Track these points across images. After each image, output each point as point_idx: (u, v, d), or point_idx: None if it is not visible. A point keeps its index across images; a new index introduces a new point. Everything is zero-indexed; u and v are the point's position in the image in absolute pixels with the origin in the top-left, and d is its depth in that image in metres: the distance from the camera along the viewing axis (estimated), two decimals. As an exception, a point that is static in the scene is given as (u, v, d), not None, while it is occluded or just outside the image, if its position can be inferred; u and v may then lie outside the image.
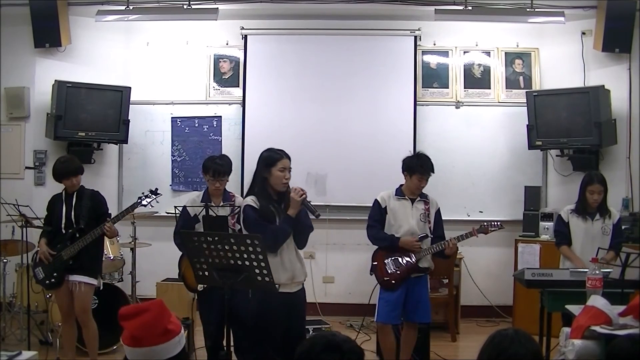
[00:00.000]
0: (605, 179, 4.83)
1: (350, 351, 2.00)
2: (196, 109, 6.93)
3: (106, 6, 6.55)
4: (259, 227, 3.68)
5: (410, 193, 4.66)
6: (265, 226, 3.72)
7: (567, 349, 3.25)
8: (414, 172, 4.57)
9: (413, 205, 4.64)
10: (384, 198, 4.66)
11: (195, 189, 6.58)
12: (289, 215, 3.77)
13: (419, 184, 4.60)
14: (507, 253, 6.51)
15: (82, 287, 4.58)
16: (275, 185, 3.83)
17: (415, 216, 4.62)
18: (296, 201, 3.75)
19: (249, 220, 3.77)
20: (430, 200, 4.71)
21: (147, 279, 6.16)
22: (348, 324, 6.47)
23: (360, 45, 6.81)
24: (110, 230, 4.54)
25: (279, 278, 3.69)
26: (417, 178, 4.57)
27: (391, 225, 4.62)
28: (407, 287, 4.59)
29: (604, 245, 4.67)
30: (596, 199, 4.76)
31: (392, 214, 4.63)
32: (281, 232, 3.76)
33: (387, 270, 4.60)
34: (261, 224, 3.72)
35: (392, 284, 4.58)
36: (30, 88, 6.66)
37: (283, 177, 3.82)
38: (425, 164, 4.58)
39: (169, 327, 2.28)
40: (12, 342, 5.50)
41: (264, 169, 3.84)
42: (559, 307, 4.01)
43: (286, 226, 3.77)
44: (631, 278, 4.01)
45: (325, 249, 6.84)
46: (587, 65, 6.48)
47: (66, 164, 4.63)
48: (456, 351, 5.79)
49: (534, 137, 6.35)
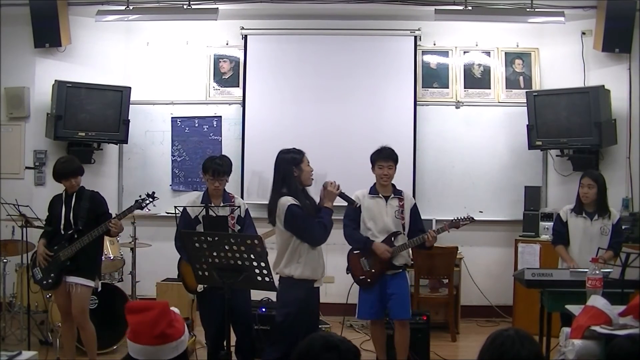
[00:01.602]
0: (599, 176, 4.84)
1: (348, 350, 2.04)
2: (196, 109, 6.93)
3: (106, 6, 6.55)
4: (311, 222, 3.91)
5: (385, 190, 4.69)
6: (316, 221, 3.93)
7: (567, 349, 3.24)
8: (374, 162, 4.69)
9: (387, 202, 4.69)
10: (358, 197, 4.71)
11: (195, 189, 6.59)
12: (328, 208, 4.01)
13: (380, 172, 4.66)
14: (507, 253, 6.51)
15: (79, 289, 4.57)
16: (305, 180, 4.04)
17: (390, 213, 4.67)
18: (334, 194, 4.03)
19: (300, 218, 3.92)
20: (404, 196, 4.74)
21: (147, 279, 6.16)
22: (348, 324, 6.47)
23: (360, 45, 6.81)
24: (115, 226, 4.53)
25: (318, 273, 4.00)
26: (377, 167, 4.66)
27: (365, 223, 4.68)
28: (384, 284, 4.64)
29: (603, 245, 4.67)
30: (585, 192, 4.76)
31: (366, 212, 4.68)
32: (329, 224, 3.99)
33: (362, 269, 4.65)
34: (312, 219, 3.93)
35: (367, 282, 4.66)
36: (30, 88, 6.66)
37: (310, 170, 4.07)
38: (383, 151, 4.67)
39: (166, 331, 2.29)
40: (12, 342, 5.49)
41: (293, 168, 3.99)
42: (559, 307, 4.01)
43: (329, 218, 3.99)
44: (631, 278, 4.01)
45: (325, 249, 6.77)
46: (587, 65, 6.48)
47: (65, 165, 4.63)
48: (456, 351, 5.79)
49: (534, 137, 6.35)
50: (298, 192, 3.99)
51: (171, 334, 2.31)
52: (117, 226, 4.54)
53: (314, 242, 4.00)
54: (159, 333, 2.26)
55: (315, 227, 3.91)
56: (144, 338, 2.25)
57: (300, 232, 3.92)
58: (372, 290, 4.64)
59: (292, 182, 3.99)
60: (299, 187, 4.01)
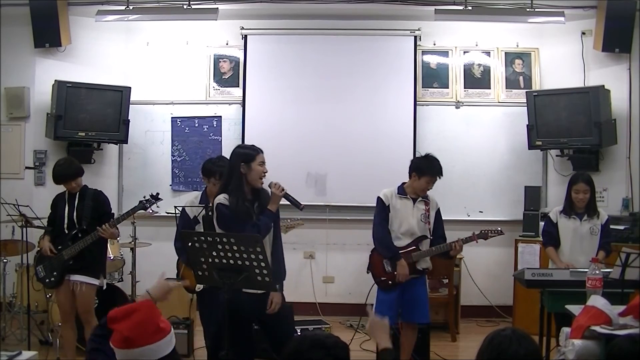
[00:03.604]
0: (591, 179, 4.83)
1: (335, 346, 2.07)
2: (196, 109, 6.93)
3: (106, 6, 6.55)
4: (240, 224, 3.62)
5: (413, 193, 4.65)
6: (244, 223, 3.65)
7: (567, 349, 3.24)
8: (425, 174, 4.57)
9: (414, 205, 4.64)
10: (387, 196, 4.65)
11: (195, 189, 6.58)
12: (270, 210, 3.74)
13: (426, 186, 4.61)
14: (507, 253, 6.51)
15: (84, 287, 4.58)
16: (253, 181, 3.76)
17: (416, 216, 4.62)
18: (277, 196, 3.74)
19: (225, 218, 3.68)
20: (430, 201, 4.70)
21: (147, 279, 6.12)
22: (348, 324, 6.47)
23: (360, 45, 6.81)
24: (105, 233, 4.50)
25: None
26: (426, 180, 4.57)
27: (392, 223, 4.62)
28: (404, 288, 4.59)
29: (593, 245, 4.69)
30: (581, 198, 4.75)
31: (394, 212, 4.63)
32: (266, 228, 3.71)
33: (384, 270, 4.60)
34: (243, 221, 3.65)
35: (388, 285, 4.58)
36: (30, 88, 6.65)
37: (262, 171, 3.78)
38: (437, 166, 4.61)
39: (161, 326, 2.29)
40: (12, 342, 5.49)
41: (241, 165, 3.74)
42: (559, 307, 4.01)
43: (267, 220, 3.72)
44: (631, 278, 4.01)
45: (325, 249, 6.85)
46: (587, 65, 6.48)
47: (64, 168, 4.60)
48: (456, 351, 5.79)
49: (534, 137, 6.35)
50: (239, 189, 3.73)
51: (164, 327, 2.31)
52: (107, 233, 4.51)
53: None
54: (155, 329, 2.25)
55: (246, 230, 3.58)
56: (142, 339, 2.23)
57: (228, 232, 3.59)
58: (392, 292, 4.57)
59: (235, 179, 3.75)
60: (243, 187, 3.75)
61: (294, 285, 6.46)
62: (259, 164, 3.78)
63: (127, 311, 2.27)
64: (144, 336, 2.23)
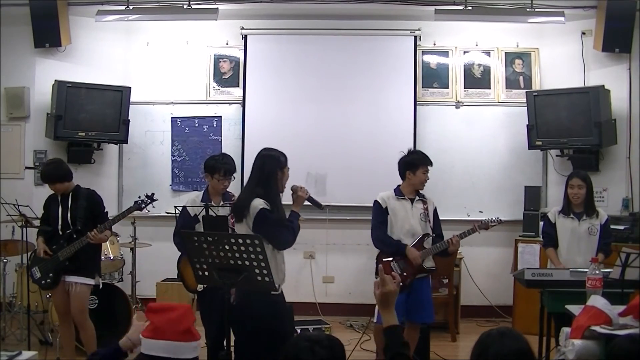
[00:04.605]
0: (587, 177, 4.84)
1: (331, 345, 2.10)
2: (196, 109, 6.93)
3: (106, 6, 6.55)
4: (283, 227, 3.74)
5: (411, 193, 4.67)
6: (287, 225, 3.77)
7: (567, 349, 3.24)
8: (417, 166, 4.62)
9: (413, 205, 4.66)
10: (384, 198, 4.67)
11: (195, 189, 6.58)
12: (296, 212, 3.84)
13: (424, 178, 4.65)
14: (507, 253, 6.52)
15: (78, 288, 4.58)
16: (282, 185, 3.85)
17: (416, 215, 4.64)
18: (302, 198, 3.85)
19: (272, 222, 3.70)
20: (427, 200, 4.75)
21: (147, 279, 6.16)
22: (348, 324, 6.47)
23: (360, 45, 6.81)
24: (94, 239, 4.49)
25: (279, 278, 3.72)
26: (422, 172, 4.63)
27: (393, 225, 4.63)
28: (410, 288, 4.60)
29: (591, 245, 4.70)
30: (576, 192, 4.77)
31: (393, 215, 4.64)
32: (297, 228, 3.83)
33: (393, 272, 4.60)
34: (283, 224, 3.77)
35: (399, 287, 4.56)
36: (30, 88, 6.66)
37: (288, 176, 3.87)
38: (425, 155, 4.70)
39: (192, 330, 2.40)
40: (12, 342, 5.49)
41: (277, 170, 3.80)
42: (559, 307, 4.00)
43: (297, 221, 3.84)
44: (631, 278, 4.01)
45: (325, 249, 6.84)
46: (587, 65, 6.48)
47: (50, 169, 4.59)
48: (456, 351, 5.79)
49: (534, 137, 6.35)
50: (276, 195, 3.78)
51: (195, 333, 2.41)
52: (96, 238, 4.50)
53: (282, 246, 3.81)
54: (185, 329, 2.35)
55: (284, 232, 3.72)
56: (169, 334, 2.33)
57: (270, 236, 3.67)
58: (401, 294, 4.55)
59: (273, 185, 3.78)
60: (277, 191, 3.80)
61: (294, 285, 6.47)
62: (288, 170, 3.87)
63: (167, 306, 2.40)
64: (173, 332, 2.33)
